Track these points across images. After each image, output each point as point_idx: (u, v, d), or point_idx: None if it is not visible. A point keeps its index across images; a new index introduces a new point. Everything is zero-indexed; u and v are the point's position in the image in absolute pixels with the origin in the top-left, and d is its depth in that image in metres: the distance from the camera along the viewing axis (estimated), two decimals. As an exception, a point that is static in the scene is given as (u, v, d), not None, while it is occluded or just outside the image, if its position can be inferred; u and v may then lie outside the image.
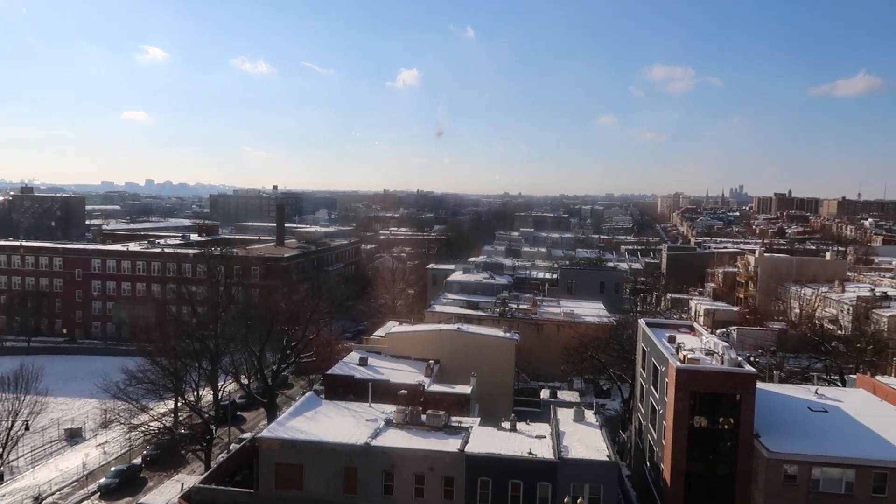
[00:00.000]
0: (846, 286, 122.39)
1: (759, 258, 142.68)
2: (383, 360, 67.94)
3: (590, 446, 46.21)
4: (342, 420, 49.86)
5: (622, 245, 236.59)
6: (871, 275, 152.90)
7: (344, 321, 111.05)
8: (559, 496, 42.59)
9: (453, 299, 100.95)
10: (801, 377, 78.23)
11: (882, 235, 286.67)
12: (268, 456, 45.50)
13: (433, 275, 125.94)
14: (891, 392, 56.80)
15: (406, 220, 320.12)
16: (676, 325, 63.07)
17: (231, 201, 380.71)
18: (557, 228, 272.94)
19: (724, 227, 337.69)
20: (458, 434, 47.58)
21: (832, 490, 43.01)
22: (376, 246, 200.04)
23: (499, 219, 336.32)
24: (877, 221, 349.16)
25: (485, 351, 68.48)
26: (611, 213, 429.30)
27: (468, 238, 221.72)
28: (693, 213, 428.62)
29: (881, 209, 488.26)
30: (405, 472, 44.66)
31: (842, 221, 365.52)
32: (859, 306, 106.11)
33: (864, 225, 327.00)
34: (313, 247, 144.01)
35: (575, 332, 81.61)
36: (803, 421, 48.68)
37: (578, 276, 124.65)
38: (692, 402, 45.52)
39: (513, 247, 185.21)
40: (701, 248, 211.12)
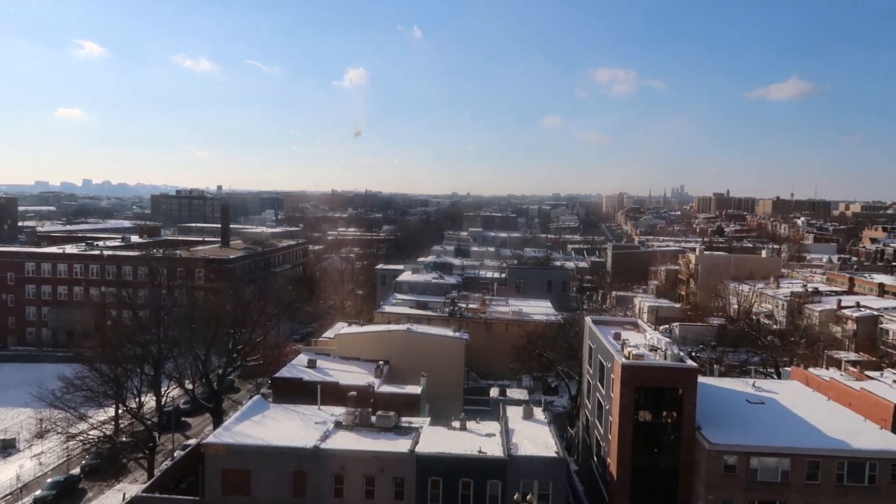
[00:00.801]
0: (780, 282, 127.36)
1: (700, 256, 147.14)
2: (332, 361, 67.35)
3: (539, 443, 46.87)
4: (291, 423, 49.24)
5: (569, 244, 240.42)
6: (804, 271, 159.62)
7: (292, 323, 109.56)
8: (509, 493, 43.08)
9: (403, 300, 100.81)
10: (739, 370, 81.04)
11: (813, 233, 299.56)
12: (214, 462, 44.58)
13: (382, 275, 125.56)
14: (822, 383, 59.46)
15: (354, 220, 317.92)
16: (621, 323, 64.56)
17: (174, 202, 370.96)
18: (506, 228, 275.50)
19: (666, 225, 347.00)
20: (408, 434, 47.59)
21: (769, 479, 44.77)
22: (324, 247, 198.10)
23: (448, 219, 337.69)
24: (808, 220, 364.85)
25: (435, 351, 68.64)
26: (557, 213, 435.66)
27: (417, 238, 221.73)
28: (637, 213, 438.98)
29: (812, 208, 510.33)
30: (355, 474, 44.41)
31: (776, 220, 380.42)
32: (793, 302, 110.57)
33: (796, 224, 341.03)
34: (259, 248, 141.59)
35: (523, 331, 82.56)
36: (742, 413, 50.49)
37: (526, 275, 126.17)
38: (637, 397, 46.66)
39: (462, 247, 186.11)
40: (644, 246, 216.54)
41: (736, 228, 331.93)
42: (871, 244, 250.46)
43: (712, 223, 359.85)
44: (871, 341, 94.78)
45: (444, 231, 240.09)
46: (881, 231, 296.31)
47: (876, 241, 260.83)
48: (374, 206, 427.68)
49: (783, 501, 44.67)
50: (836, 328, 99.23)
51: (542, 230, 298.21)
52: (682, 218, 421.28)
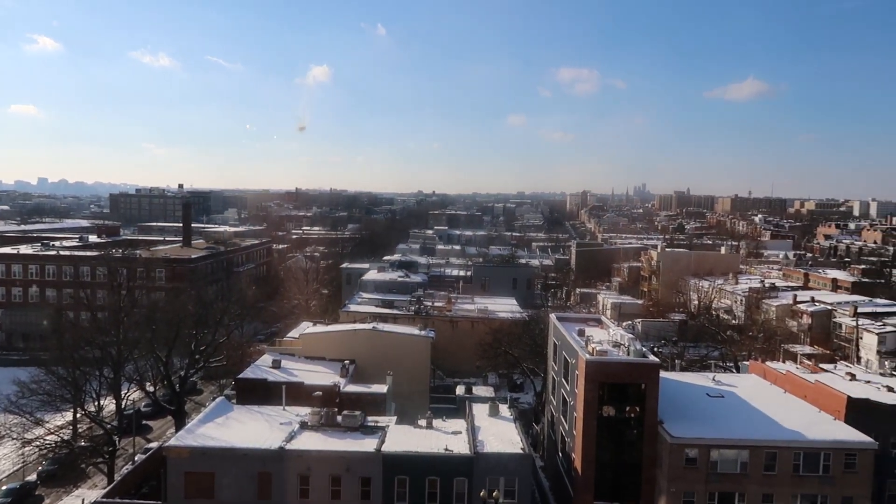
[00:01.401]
0: (739, 278, 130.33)
1: (661, 253, 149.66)
2: (297, 361, 66.79)
3: (504, 440, 47.20)
4: (255, 425, 48.72)
5: (533, 242, 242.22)
6: (761, 267, 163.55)
7: (256, 323, 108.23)
8: (475, 490, 43.32)
9: (368, 298, 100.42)
10: (700, 365, 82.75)
11: (770, 230, 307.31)
12: (176, 465, 43.87)
13: (348, 274, 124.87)
14: (779, 376, 61.09)
15: (319, 219, 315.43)
16: (585, 319, 65.31)
17: (133, 201, 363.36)
18: (471, 226, 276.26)
19: (628, 223, 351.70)
20: (374, 434, 47.49)
21: (729, 470, 45.87)
22: (289, 246, 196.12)
23: (413, 217, 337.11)
24: (765, 217, 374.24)
25: (400, 349, 68.56)
26: (522, 211, 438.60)
27: (383, 237, 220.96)
28: (600, 211, 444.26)
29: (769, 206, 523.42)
30: (321, 474, 44.16)
31: (735, 218, 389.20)
32: (751, 297, 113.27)
33: (754, 221, 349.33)
34: (222, 247, 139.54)
35: (489, 329, 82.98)
36: (702, 406, 51.60)
37: (492, 273, 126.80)
38: (601, 393, 47.33)
39: (427, 245, 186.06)
40: (607, 244, 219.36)
41: (696, 226, 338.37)
42: (825, 241, 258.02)
43: (673, 221, 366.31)
44: (825, 335, 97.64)
45: (409, 229, 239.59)
46: (834, 228, 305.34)
47: (829, 237, 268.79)
48: (338, 205, 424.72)
49: (742, 492, 45.83)
50: (792, 322, 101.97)
51: (507, 228, 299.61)
52: (644, 216, 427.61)
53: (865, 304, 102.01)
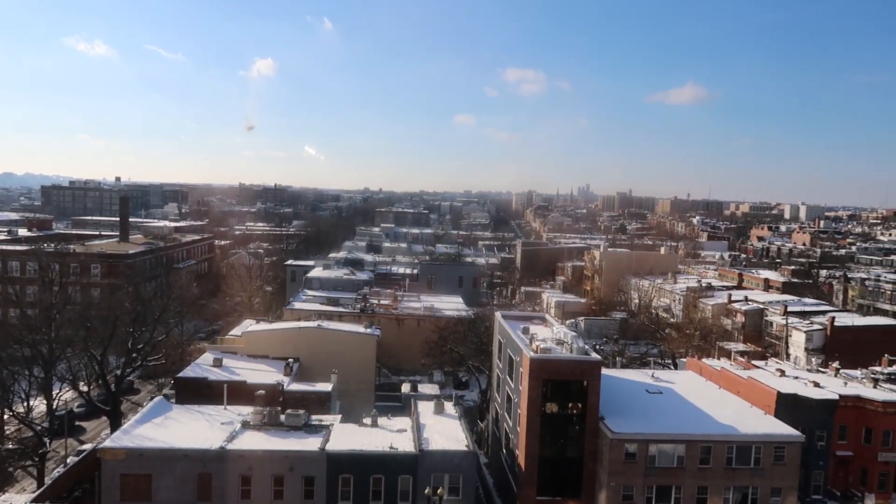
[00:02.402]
0: (677, 278, 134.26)
1: (604, 253, 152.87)
2: (240, 360, 65.52)
3: (450, 437, 47.45)
4: (195, 425, 47.62)
5: (479, 240, 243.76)
6: (698, 267, 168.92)
7: (197, 321, 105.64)
8: (420, 488, 43.42)
9: (313, 296, 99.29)
10: (640, 362, 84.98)
11: (707, 232, 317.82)
12: (111, 467, 42.50)
13: (292, 271, 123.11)
14: (714, 373, 63.28)
15: (263, 215, 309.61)
16: (530, 317, 66.22)
17: (67, 194, 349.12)
18: (418, 224, 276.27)
19: (572, 223, 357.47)
20: (318, 432, 47.06)
21: (666, 464, 47.30)
22: (232, 242, 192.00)
23: (360, 214, 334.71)
24: (703, 219, 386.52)
25: (346, 347, 68.08)
26: (469, 210, 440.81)
27: (328, 234, 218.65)
28: (545, 211, 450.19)
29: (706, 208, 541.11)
30: (263, 474, 43.50)
31: (674, 219, 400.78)
32: (688, 296, 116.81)
33: (692, 222, 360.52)
34: (162, 243, 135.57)
35: (435, 327, 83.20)
36: (642, 402, 53.03)
37: (438, 271, 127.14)
38: (544, 390, 48.09)
39: (374, 242, 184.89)
40: (552, 243, 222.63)
41: (637, 226, 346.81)
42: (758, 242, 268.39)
43: (616, 221, 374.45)
44: (757, 333, 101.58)
45: (355, 227, 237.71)
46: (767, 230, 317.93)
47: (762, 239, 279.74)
48: (283, 201, 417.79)
49: (679, 485, 47.32)
50: (727, 321, 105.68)
51: (453, 227, 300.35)
52: (587, 216, 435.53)
53: (795, 303, 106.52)
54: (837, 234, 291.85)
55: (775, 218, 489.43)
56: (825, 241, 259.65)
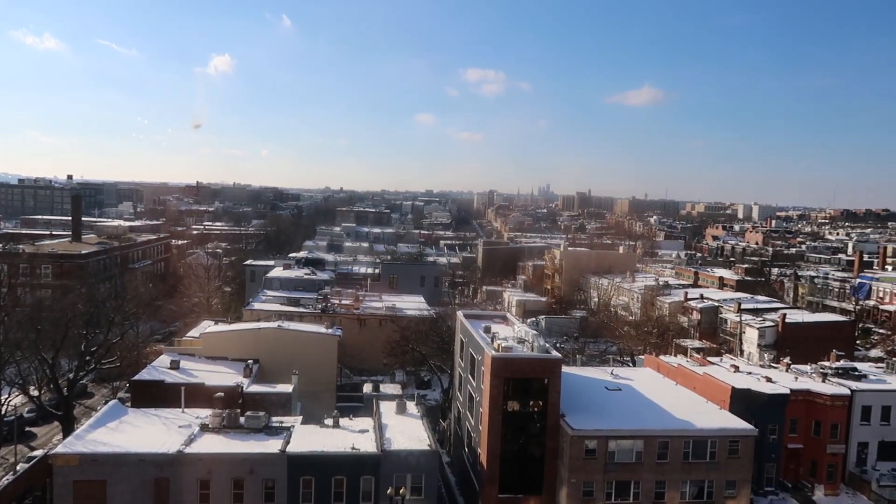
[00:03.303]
0: (636, 277, 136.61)
1: (564, 252, 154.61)
2: (198, 362, 64.39)
3: (412, 437, 47.45)
4: (152, 428, 46.67)
5: (441, 240, 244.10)
6: (656, 266, 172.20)
7: (153, 322, 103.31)
8: (382, 488, 43.32)
9: (273, 296, 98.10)
10: (599, 359, 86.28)
11: (664, 231, 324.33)
12: (64, 473, 41.36)
13: (252, 271, 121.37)
14: (671, 369, 64.61)
15: (222, 214, 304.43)
16: (492, 316, 66.61)
17: (16, 192, 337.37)
18: (379, 224, 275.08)
19: (533, 223, 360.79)
20: (279, 434, 46.58)
21: (625, 460, 48.13)
22: (189, 241, 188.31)
23: (321, 214, 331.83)
24: (660, 219, 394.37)
25: (307, 348, 67.44)
26: (430, 209, 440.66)
27: (289, 233, 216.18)
28: (506, 210, 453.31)
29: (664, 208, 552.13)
30: (223, 478, 42.86)
31: (632, 218, 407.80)
32: (646, 294, 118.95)
33: (650, 222, 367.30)
34: (116, 242, 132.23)
35: (397, 326, 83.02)
36: (601, 399, 53.85)
37: (400, 270, 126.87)
38: (506, 388, 48.43)
39: (335, 242, 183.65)
40: (513, 243, 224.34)
41: (597, 226, 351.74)
42: (713, 241, 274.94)
43: (575, 221, 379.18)
44: (712, 330, 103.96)
45: (316, 226, 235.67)
46: (721, 229, 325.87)
47: (717, 238, 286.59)
48: (242, 200, 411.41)
49: (637, 480, 48.19)
50: (683, 318, 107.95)
51: (415, 226, 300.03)
52: (548, 215, 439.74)
53: (748, 300, 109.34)
54: (788, 234, 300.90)
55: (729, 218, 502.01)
56: (776, 241, 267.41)
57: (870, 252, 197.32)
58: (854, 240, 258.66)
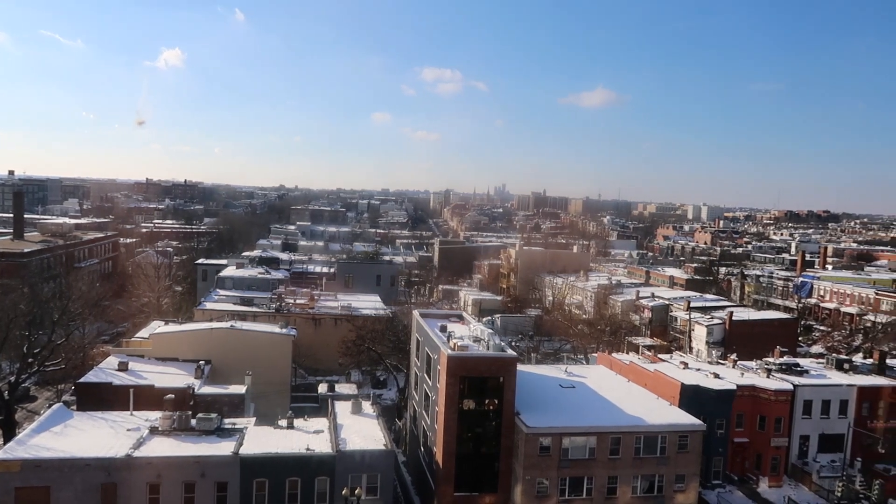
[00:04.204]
0: (589, 276, 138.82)
1: (519, 251, 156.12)
2: (147, 363, 62.86)
3: (367, 437, 47.28)
4: (98, 432, 45.36)
5: (398, 239, 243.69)
6: (609, 265, 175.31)
7: (100, 323, 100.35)
8: (338, 489, 43.04)
9: (226, 296, 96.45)
10: (553, 357, 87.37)
11: (617, 231, 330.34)
12: (5, 480, 39.88)
13: (204, 270, 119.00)
14: (624, 367, 65.87)
15: (172, 211, 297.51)
16: (448, 315, 66.80)
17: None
18: (335, 222, 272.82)
19: (489, 222, 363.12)
20: (231, 436, 45.83)
21: (579, 457, 48.88)
22: (138, 240, 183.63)
23: (275, 212, 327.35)
24: (613, 219, 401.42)
25: (260, 348, 66.51)
26: (387, 208, 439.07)
27: (242, 232, 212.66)
28: (462, 210, 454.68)
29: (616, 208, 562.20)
30: (173, 481, 41.96)
31: (586, 218, 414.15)
32: (599, 293, 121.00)
33: (603, 222, 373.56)
34: (61, 240, 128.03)
35: (352, 326, 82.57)
36: (556, 397, 54.56)
37: (356, 269, 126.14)
38: (462, 387, 48.65)
39: (289, 241, 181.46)
40: (469, 242, 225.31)
41: (551, 226, 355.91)
42: (664, 241, 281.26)
43: (531, 220, 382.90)
44: (663, 327, 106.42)
45: (270, 225, 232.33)
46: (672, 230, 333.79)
47: (668, 238, 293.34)
48: (194, 197, 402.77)
49: (590, 476, 49.00)
50: (635, 316, 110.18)
51: (371, 225, 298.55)
52: (504, 215, 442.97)
53: (697, 299, 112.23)
54: (735, 234, 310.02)
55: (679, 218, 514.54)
56: (724, 241, 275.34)
57: (811, 252, 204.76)
58: (797, 240, 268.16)
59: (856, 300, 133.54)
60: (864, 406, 62.33)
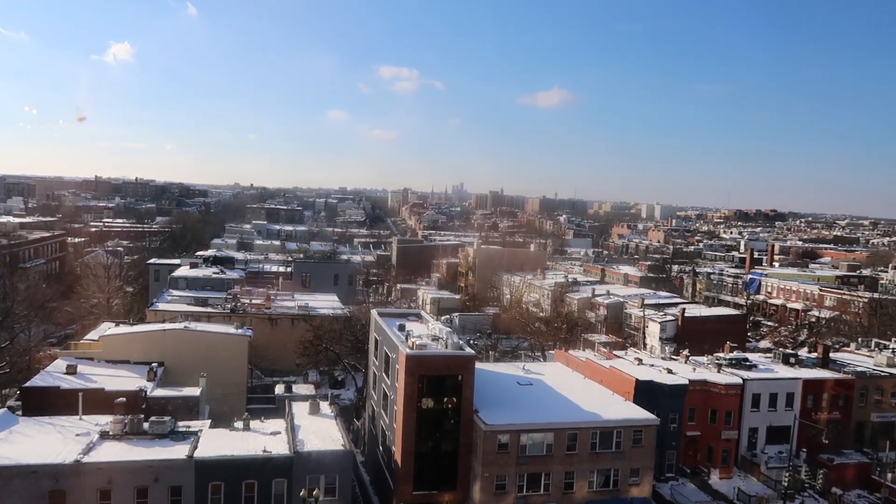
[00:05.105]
0: (546, 274, 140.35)
1: (477, 250, 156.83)
2: (97, 366, 61.16)
3: (325, 437, 46.96)
4: (46, 438, 43.98)
5: (355, 238, 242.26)
6: (565, 263, 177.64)
7: (47, 325, 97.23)
8: (295, 490, 42.63)
9: (179, 296, 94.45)
10: (511, 355, 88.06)
11: (573, 230, 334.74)
12: (-55, 490, 38.35)
13: (156, 270, 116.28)
14: (580, 363, 66.82)
15: (123, 210, 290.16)
16: (406, 314, 66.73)
17: None
18: (291, 221, 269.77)
19: (447, 221, 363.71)
20: (186, 439, 44.97)
21: (536, 453, 49.45)
22: (87, 239, 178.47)
23: (230, 211, 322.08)
24: (569, 218, 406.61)
25: (215, 349, 65.42)
26: (344, 207, 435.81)
27: (196, 231, 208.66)
28: (420, 208, 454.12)
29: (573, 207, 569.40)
30: (125, 487, 40.97)
31: (543, 217, 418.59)
32: (556, 291, 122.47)
33: (559, 221, 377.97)
34: (4, 240, 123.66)
35: (310, 326, 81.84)
36: (513, 394, 55.05)
37: (313, 268, 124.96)
38: (420, 386, 48.69)
39: (245, 240, 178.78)
40: (428, 240, 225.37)
41: (509, 224, 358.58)
42: (619, 239, 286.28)
43: (488, 219, 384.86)
44: (618, 324, 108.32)
45: (225, 224, 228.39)
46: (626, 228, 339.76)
47: (622, 236, 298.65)
48: (145, 196, 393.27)
49: (548, 472, 49.62)
50: (591, 314, 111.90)
51: (328, 224, 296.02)
52: (462, 214, 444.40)
53: (650, 296, 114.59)
54: (687, 233, 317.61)
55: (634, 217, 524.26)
56: (676, 239, 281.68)
57: (759, 250, 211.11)
58: (746, 238, 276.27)
59: (801, 296, 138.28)
60: (809, 398, 64.56)
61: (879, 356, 73.72)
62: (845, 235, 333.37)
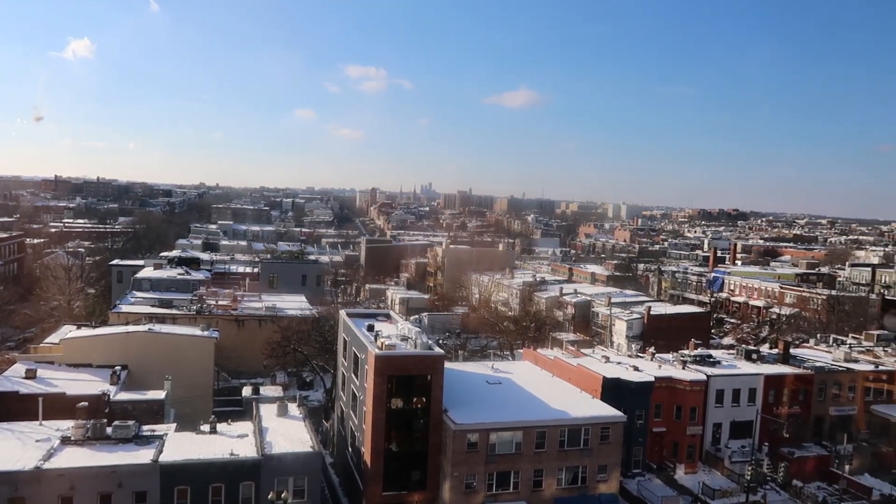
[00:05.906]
0: (514, 273, 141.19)
1: (446, 250, 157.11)
2: (58, 370, 59.71)
3: (294, 439, 46.61)
4: (4, 444, 42.84)
5: (323, 238, 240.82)
6: (533, 263, 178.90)
7: (4, 329, 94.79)
8: (264, 493, 42.21)
9: (143, 298, 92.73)
10: (480, 354, 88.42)
11: (541, 229, 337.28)
12: None
13: (119, 272, 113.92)
14: (548, 362, 67.38)
15: (84, 210, 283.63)
16: (375, 315, 66.53)
17: None
18: (258, 221, 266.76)
19: (416, 220, 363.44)
20: (150, 444, 44.23)
21: (505, 451, 49.72)
22: (47, 240, 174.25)
23: (195, 210, 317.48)
24: (537, 217, 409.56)
25: (180, 352, 64.43)
26: (312, 207, 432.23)
27: (160, 231, 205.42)
28: (389, 208, 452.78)
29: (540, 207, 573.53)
30: (87, 493, 40.12)
31: (511, 217, 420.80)
32: (524, 290, 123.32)
33: (527, 220, 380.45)
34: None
35: (277, 327, 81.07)
36: (482, 393, 55.29)
37: (280, 269, 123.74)
38: (390, 386, 48.60)
39: (210, 240, 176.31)
40: (396, 240, 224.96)
41: (477, 224, 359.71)
42: (586, 239, 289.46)
43: (457, 219, 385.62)
44: (585, 322, 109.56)
45: (190, 224, 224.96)
46: (593, 228, 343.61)
47: (589, 236, 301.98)
48: (107, 195, 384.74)
49: (517, 470, 49.92)
50: (559, 312, 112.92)
51: (296, 224, 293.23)
52: (430, 213, 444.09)
53: (617, 294, 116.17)
54: (652, 232, 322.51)
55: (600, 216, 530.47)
56: (642, 238, 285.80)
57: (722, 248, 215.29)
58: (709, 237, 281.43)
59: (762, 294, 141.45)
60: (771, 394, 66.11)
61: (837, 352, 75.86)
62: (804, 234, 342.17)
